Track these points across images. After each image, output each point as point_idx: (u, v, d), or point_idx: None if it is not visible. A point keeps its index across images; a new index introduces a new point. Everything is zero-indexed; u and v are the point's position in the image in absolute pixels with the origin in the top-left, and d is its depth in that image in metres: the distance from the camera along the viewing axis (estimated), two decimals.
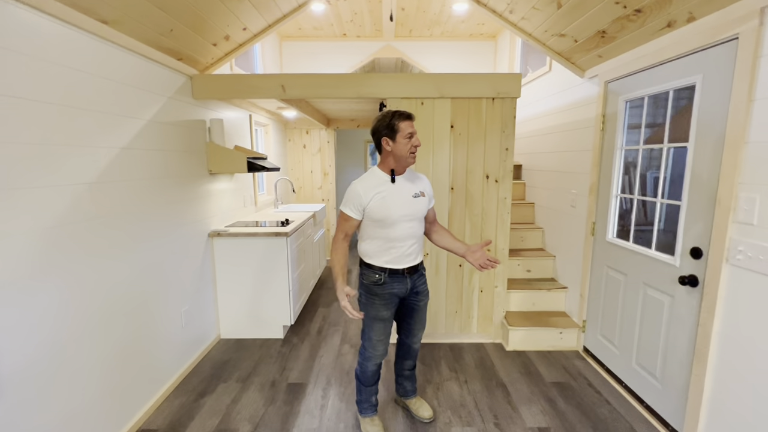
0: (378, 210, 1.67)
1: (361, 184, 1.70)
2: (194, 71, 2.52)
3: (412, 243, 1.75)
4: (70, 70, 1.55)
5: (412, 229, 1.73)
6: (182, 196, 2.38)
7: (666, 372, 1.91)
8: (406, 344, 1.97)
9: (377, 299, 1.76)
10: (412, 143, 1.65)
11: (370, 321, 1.81)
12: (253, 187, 3.73)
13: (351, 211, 1.71)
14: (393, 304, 1.80)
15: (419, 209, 1.74)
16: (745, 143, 1.49)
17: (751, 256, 1.46)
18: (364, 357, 1.86)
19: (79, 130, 1.60)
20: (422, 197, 1.76)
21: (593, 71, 2.51)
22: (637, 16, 1.87)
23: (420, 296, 1.84)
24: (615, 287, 2.33)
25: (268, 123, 4.18)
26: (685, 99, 1.83)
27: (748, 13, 1.45)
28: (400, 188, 1.71)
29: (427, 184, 1.84)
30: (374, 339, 1.81)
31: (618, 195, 2.33)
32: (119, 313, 1.84)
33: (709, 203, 1.67)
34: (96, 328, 1.70)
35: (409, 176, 1.78)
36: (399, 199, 1.69)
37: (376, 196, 1.67)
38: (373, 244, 1.74)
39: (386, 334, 1.83)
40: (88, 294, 1.65)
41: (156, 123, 2.13)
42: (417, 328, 1.92)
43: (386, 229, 1.70)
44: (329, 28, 4.37)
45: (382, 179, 1.72)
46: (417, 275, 1.81)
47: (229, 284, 2.86)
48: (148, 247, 2.04)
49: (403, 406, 2.11)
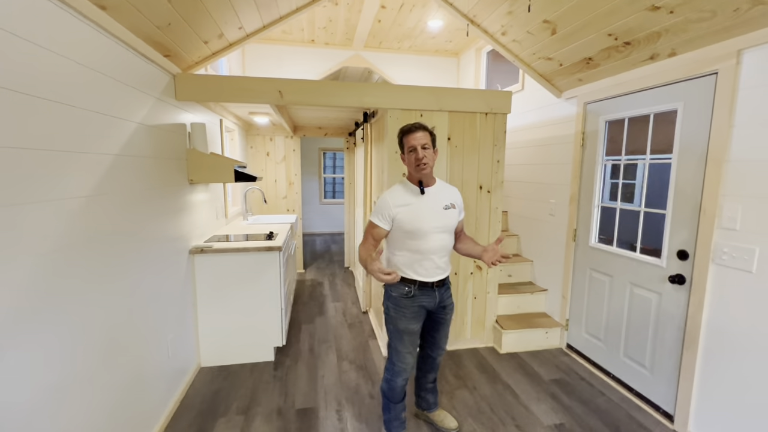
0: (409, 221, 1.67)
1: (391, 195, 1.72)
2: (178, 70, 2.27)
3: (443, 256, 1.75)
4: (62, 58, 1.30)
5: (443, 241, 1.72)
6: (165, 208, 2.10)
7: (655, 361, 2.16)
8: (430, 357, 1.96)
9: (407, 311, 1.74)
10: (416, 156, 1.65)
11: (398, 334, 1.78)
12: (223, 198, 3.44)
13: (380, 221, 1.71)
14: (421, 316, 1.79)
15: (450, 221, 1.74)
16: (726, 161, 1.77)
17: (735, 256, 1.73)
18: (393, 372, 1.82)
19: (72, 132, 1.34)
20: (453, 209, 1.76)
21: (572, 93, 2.78)
22: (625, 48, 2.13)
23: (447, 310, 1.84)
24: (600, 288, 2.57)
25: (234, 129, 3.89)
26: (666, 122, 2.12)
27: (727, 53, 1.74)
28: (430, 200, 1.72)
29: (457, 195, 1.83)
30: (403, 352, 1.78)
31: (599, 204, 2.60)
32: (107, 354, 1.56)
33: (693, 212, 1.94)
34: (81, 378, 1.42)
35: (440, 187, 1.79)
36: (430, 211, 1.70)
37: (404, 207, 1.69)
38: (404, 257, 1.73)
39: (414, 346, 1.82)
40: (77, 335, 1.38)
41: (145, 126, 1.87)
42: (442, 341, 1.91)
43: (417, 241, 1.69)
44: (298, 33, 4.23)
45: (412, 191, 1.73)
46: (444, 288, 1.80)
47: (211, 305, 2.58)
48: (133, 270, 1.76)
49: (426, 419, 2.09)
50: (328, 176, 9.49)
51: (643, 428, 2.04)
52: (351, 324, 3.38)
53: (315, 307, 3.80)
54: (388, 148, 2.60)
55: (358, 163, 3.96)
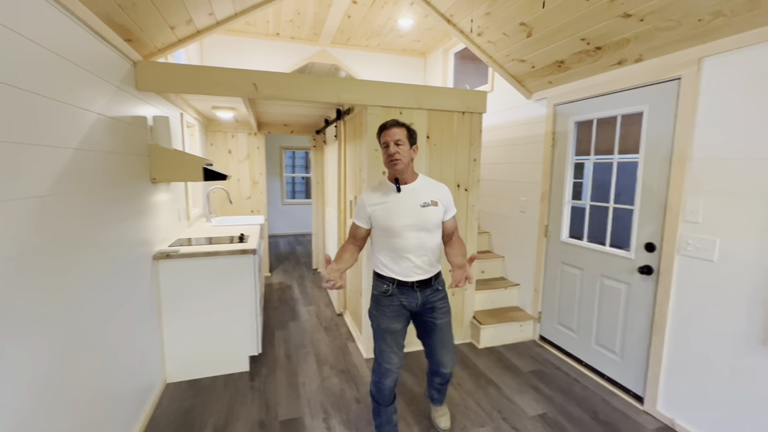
0: (382, 219, 1.68)
1: (367, 194, 1.76)
2: (139, 57, 2.05)
3: (421, 255, 1.68)
4: (8, 32, 1.12)
5: (419, 239, 1.67)
6: (126, 210, 1.89)
7: (626, 347, 2.31)
8: (433, 365, 1.87)
9: (386, 310, 1.74)
10: (387, 152, 1.63)
11: (380, 333, 1.77)
12: (185, 199, 3.18)
13: (358, 220, 1.77)
14: (403, 316, 1.76)
15: (428, 219, 1.66)
16: (689, 160, 1.92)
17: (698, 247, 1.89)
18: (379, 374, 1.78)
19: (24, 120, 1.15)
20: (433, 206, 1.68)
21: (541, 94, 2.90)
22: (596, 52, 2.24)
23: (436, 312, 1.75)
24: (571, 280, 2.70)
25: (195, 124, 3.63)
26: (633, 123, 2.26)
27: (690, 60, 1.89)
28: (407, 197, 1.68)
29: (443, 193, 1.74)
30: (386, 351, 1.76)
31: (570, 201, 2.73)
32: (65, 373, 1.37)
33: (659, 207, 2.09)
34: (34, 401, 1.23)
35: (421, 185, 1.72)
36: (405, 208, 1.67)
37: (379, 206, 1.70)
38: (384, 255, 1.74)
39: (397, 345, 1.78)
40: (30, 353, 1.19)
41: (105, 118, 1.66)
42: (440, 350, 1.80)
43: (393, 239, 1.68)
44: (263, 25, 4.04)
45: (389, 188, 1.72)
46: (430, 290, 1.74)
47: (178, 315, 2.37)
48: (93, 280, 1.57)
49: (426, 408, 2.13)
50: (291, 176, 9.21)
51: (617, 411, 2.17)
52: (327, 327, 3.28)
53: (287, 311, 3.64)
54: (367, 145, 2.55)
55: (329, 161, 3.86)
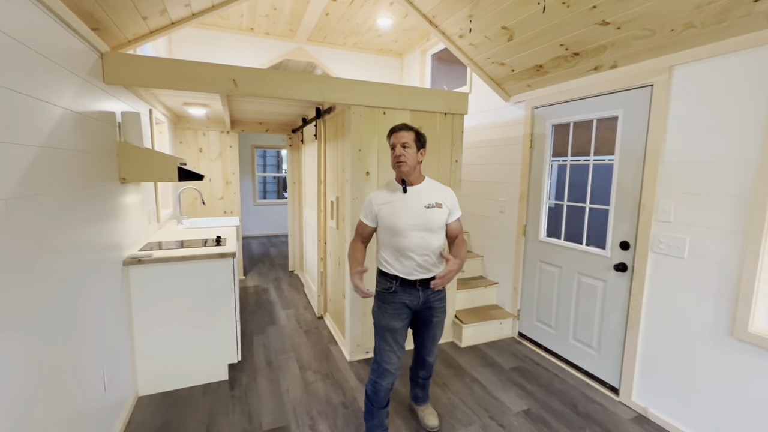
0: (388, 218, 1.74)
1: (375, 194, 1.82)
2: (106, 48, 1.91)
3: (423, 254, 1.72)
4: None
5: (423, 239, 1.71)
6: (95, 213, 1.75)
7: (602, 342, 2.41)
8: (419, 355, 1.97)
9: (388, 307, 1.77)
10: (394, 154, 1.72)
11: (381, 330, 1.79)
12: (155, 200, 3.01)
13: (365, 218, 1.83)
14: (404, 315, 1.78)
15: (432, 220, 1.72)
16: (661, 162, 2.03)
17: (670, 245, 2.00)
18: (378, 374, 1.78)
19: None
20: (437, 208, 1.73)
21: (520, 97, 2.97)
22: (574, 58, 2.32)
23: (434, 312, 1.82)
24: (549, 278, 2.79)
25: (163, 120, 3.44)
26: (608, 127, 2.36)
27: (662, 68, 1.99)
28: (412, 198, 1.74)
29: (449, 196, 1.80)
30: (386, 349, 1.77)
31: (548, 201, 2.81)
32: (32, 391, 1.25)
33: (633, 207, 2.19)
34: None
35: (427, 186, 1.79)
36: (410, 208, 1.72)
37: (386, 205, 1.76)
38: (387, 253, 1.78)
39: (398, 344, 1.79)
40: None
41: (72, 113, 1.53)
42: (429, 342, 1.91)
43: (396, 238, 1.72)
44: (236, 19, 3.89)
45: (396, 189, 1.78)
46: (431, 290, 1.77)
47: (151, 324, 2.23)
48: (62, 288, 1.44)
49: (414, 411, 2.12)
50: (263, 176, 8.97)
51: (595, 403, 2.26)
52: (307, 331, 3.21)
53: (264, 315, 3.53)
54: (350, 145, 2.51)
55: (308, 161, 3.78)
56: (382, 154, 2.60)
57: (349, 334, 2.71)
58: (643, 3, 1.75)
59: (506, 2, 2.15)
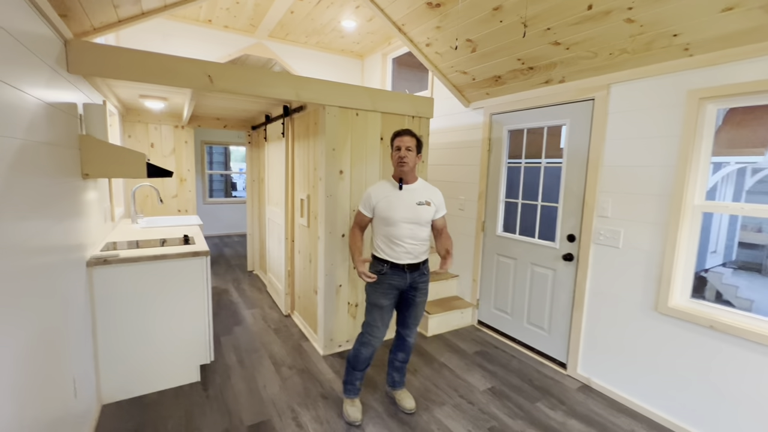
0: (384, 210, 1.98)
1: (374, 189, 2.05)
2: (70, 34, 1.80)
3: (412, 243, 1.98)
4: None
5: (412, 231, 1.97)
6: (59, 210, 1.65)
7: (552, 324, 2.72)
8: (401, 336, 2.15)
9: (379, 287, 2.01)
10: (399, 155, 1.96)
11: (371, 307, 2.04)
12: (109, 197, 2.82)
13: (364, 210, 2.06)
14: (392, 295, 2.01)
15: (422, 215, 1.98)
16: (601, 166, 2.36)
17: (608, 236, 2.34)
18: (362, 342, 2.04)
19: None
20: (427, 206, 2.00)
21: (479, 104, 3.23)
22: (529, 71, 2.60)
23: (417, 292, 2.06)
24: (506, 270, 3.08)
25: (114, 112, 3.22)
26: (557, 134, 2.68)
27: (601, 85, 2.32)
28: (406, 195, 1.99)
29: (437, 196, 2.08)
30: (372, 324, 2.02)
31: (504, 200, 3.10)
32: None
33: (578, 204, 2.52)
34: None
35: (419, 186, 2.04)
36: (403, 203, 1.98)
37: (383, 199, 2.00)
38: (381, 241, 2.02)
39: (383, 321, 2.02)
40: None
41: (42, 103, 1.45)
42: (411, 321, 2.12)
43: (390, 227, 1.97)
44: (193, 10, 3.74)
45: (393, 186, 2.03)
46: (417, 273, 2.03)
47: (116, 328, 2.12)
48: (28, 292, 1.37)
49: (391, 397, 2.25)
50: (210, 173, 8.55)
51: (547, 377, 2.56)
52: (276, 329, 3.20)
53: (229, 316, 3.45)
54: (325, 144, 2.57)
55: (273, 159, 3.74)
56: (354, 154, 2.70)
57: (322, 330, 2.77)
58: (589, 29, 2.04)
59: (473, 17, 2.36)
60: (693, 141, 1.95)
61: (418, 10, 2.57)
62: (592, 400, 2.32)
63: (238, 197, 8.54)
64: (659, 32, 1.88)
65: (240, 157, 12.78)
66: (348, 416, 2.04)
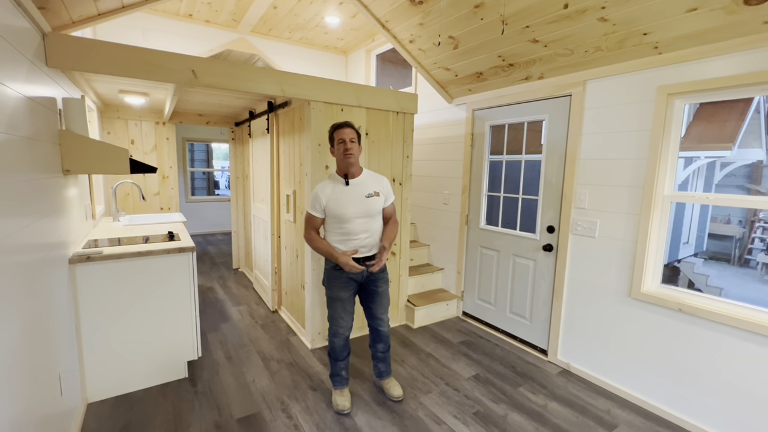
0: (335, 208, 1.98)
1: (320, 189, 2.02)
2: (48, 28, 1.76)
3: (365, 236, 2.02)
4: None
5: (365, 224, 2.01)
6: (42, 206, 1.63)
7: (533, 312, 2.82)
8: (373, 328, 2.19)
9: (336, 282, 2.06)
10: (345, 148, 1.95)
11: (331, 301, 2.10)
12: (90, 194, 2.77)
13: (314, 211, 2.02)
14: (351, 287, 2.08)
15: (372, 207, 2.02)
16: (579, 159, 2.46)
17: (585, 227, 2.44)
18: (331, 333, 2.12)
19: None
20: (375, 196, 2.03)
21: (462, 100, 3.29)
22: (509, 68, 2.68)
23: (378, 282, 2.11)
24: (489, 261, 3.16)
25: (93, 108, 3.16)
26: (536, 129, 2.76)
27: (578, 81, 2.41)
28: (354, 189, 2.01)
29: (384, 184, 2.10)
30: (335, 316, 2.09)
31: (487, 193, 3.18)
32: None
33: (557, 197, 2.61)
34: None
35: (365, 177, 2.06)
36: (352, 199, 1.99)
37: (332, 198, 1.99)
38: (334, 237, 2.03)
39: (345, 311, 2.09)
40: None
41: (23, 97, 1.43)
42: (379, 311, 2.15)
43: (343, 224, 1.99)
44: (174, 4, 3.68)
45: (338, 182, 2.02)
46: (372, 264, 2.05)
47: (100, 325, 2.10)
48: (9, 291, 1.37)
49: (379, 386, 2.30)
50: (191, 170, 8.40)
51: (530, 364, 2.66)
52: (264, 325, 3.21)
53: (215, 313, 3.43)
54: (311, 140, 2.59)
55: (258, 155, 3.73)
56: None
57: (310, 324, 2.80)
58: (565, 27, 2.12)
59: (455, 15, 2.41)
60: (662, 135, 2.06)
61: (402, 7, 2.61)
62: (571, 383, 2.43)
63: (221, 195, 8.43)
64: (630, 31, 1.97)
65: (222, 155, 12.56)
66: (337, 405, 2.08)
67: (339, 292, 2.05)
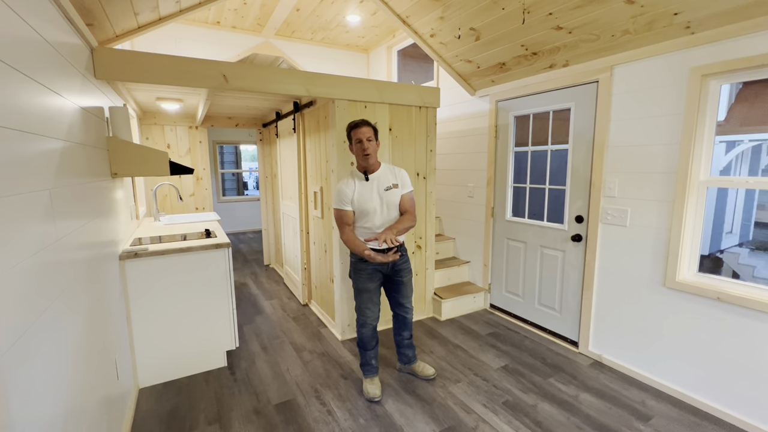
0: (359, 203, 2.07)
1: (344, 185, 2.09)
2: (95, 43, 1.92)
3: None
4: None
5: (386, 216, 2.09)
6: (96, 207, 1.78)
7: (563, 304, 2.79)
8: (398, 316, 2.28)
9: (362, 273, 2.14)
10: (362, 147, 2.02)
11: (358, 292, 2.18)
12: (133, 196, 2.97)
13: (344, 205, 2.07)
14: (376, 278, 2.15)
15: (392, 200, 2.10)
16: (607, 147, 2.40)
17: (615, 216, 2.38)
18: (359, 323, 2.21)
19: (35, 110, 1.11)
20: (394, 188, 2.10)
21: (485, 92, 3.27)
22: (533, 57, 2.64)
23: (402, 273, 2.20)
24: (516, 253, 3.14)
25: (134, 116, 3.36)
26: (562, 118, 2.72)
27: (605, 67, 2.36)
28: (374, 184, 2.09)
29: (401, 175, 2.15)
30: (362, 306, 2.17)
31: (512, 185, 3.16)
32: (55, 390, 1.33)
33: (585, 186, 2.56)
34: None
35: (384, 171, 2.12)
36: (372, 193, 2.08)
37: (356, 192, 2.07)
38: (359, 230, 2.11)
39: (372, 302, 2.16)
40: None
41: (79, 108, 1.57)
42: (404, 300, 2.25)
43: (366, 218, 2.08)
44: (202, 13, 3.85)
45: (359, 177, 2.10)
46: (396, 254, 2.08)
47: (148, 316, 2.27)
48: (85, 279, 1.50)
49: (408, 372, 2.39)
50: (222, 172, 8.73)
51: (559, 355, 2.64)
52: (295, 317, 3.34)
53: (249, 307, 3.60)
54: (336, 138, 2.66)
55: (285, 155, 3.85)
56: None
57: (339, 316, 2.89)
58: (590, 12, 2.08)
59: (475, 6, 2.41)
60: (696, 118, 1.99)
61: (422, 1, 2.63)
62: (603, 375, 2.39)
63: (249, 195, 8.72)
64: (660, 11, 1.91)
65: (249, 157, 12.96)
66: (368, 393, 2.16)
67: (365, 284, 2.13)
